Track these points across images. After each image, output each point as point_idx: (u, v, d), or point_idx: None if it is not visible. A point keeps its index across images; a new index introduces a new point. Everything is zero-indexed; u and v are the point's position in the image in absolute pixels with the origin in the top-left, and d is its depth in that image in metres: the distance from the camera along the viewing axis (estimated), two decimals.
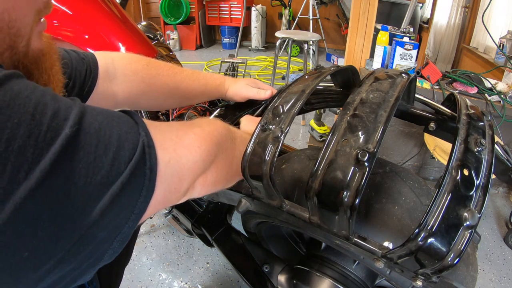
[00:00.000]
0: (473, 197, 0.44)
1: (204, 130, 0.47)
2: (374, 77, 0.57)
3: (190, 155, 0.42)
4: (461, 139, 0.50)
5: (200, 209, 1.05)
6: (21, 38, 0.35)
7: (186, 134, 0.43)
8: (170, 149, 0.39)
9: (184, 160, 0.41)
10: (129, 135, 0.33)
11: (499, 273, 1.49)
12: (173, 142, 0.40)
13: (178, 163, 0.39)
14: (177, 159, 0.39)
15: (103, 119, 0.32)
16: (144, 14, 5.27)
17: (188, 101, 0.85)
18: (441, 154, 1.48)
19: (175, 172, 0.39)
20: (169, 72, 0.75)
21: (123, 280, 1.37)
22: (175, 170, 0.39)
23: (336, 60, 4.36)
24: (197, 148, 0.43)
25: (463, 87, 1.70)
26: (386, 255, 0.49)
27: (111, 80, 0.69)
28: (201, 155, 0.44)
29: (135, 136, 0.34)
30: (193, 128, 0.46)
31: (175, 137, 0.41)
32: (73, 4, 1.07)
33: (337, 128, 0.47)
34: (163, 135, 0.39)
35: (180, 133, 0.42)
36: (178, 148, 0.40)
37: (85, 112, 0.30)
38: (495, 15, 2.75)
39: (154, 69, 0.73)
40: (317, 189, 0.44)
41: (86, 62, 0.64)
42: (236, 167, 0.53)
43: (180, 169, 0.40)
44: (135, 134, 0.34)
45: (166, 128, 0.41)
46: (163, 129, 0.40)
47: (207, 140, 0.46)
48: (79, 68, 0.62)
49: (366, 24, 1.90)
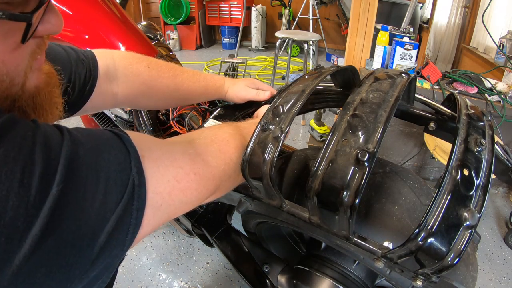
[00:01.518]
0: (473, 197, 0.44)
1: (208, 167, 0.45)
2: (374, 77, 0.57)
3: (185, 198, 0.40)
4: (461, 139, 0.50)
5: (200, 209, 1.05)
6: (15, 86, 0.34)
7: (186, 175, 0.41)
8: (164, 193, 0.37)
9: (178, 203, 0.39)
10: (118, 177, 0.32)
11: (499, 273, 1.49)
12: (170, 184, 0.38)
13: (170, 207, 0.38)
14: (169, 203, 0.38)
15: (90, 160, 0.31)
16: (144, 14, 5.27)
17: (188, 102, 0.85)
18: (441, 154, 1.48)
19: (165, 214, 0.38)
20: (170, 74, 0.75)
21: (123, 280, 1.38)
22: (166, 212, 0.38)
23: (336, 60, 4.36)
24: (193, 191, 0.41)
25: (463, 87, 1.70)
26: (386, 255, 0.49)
27: (112, 81, 0.68)
28: (197, 197, 0.42)
29: (125, 176, 0.33)
30: (195, 165, 0.43)
31: (173, 178, 0.38)
32: (73, 4, 1.07)
33: (337, 128, 0.47)
34: (159, 174, 0.37)
35: (179, 173, 0.40)
36: (174, 192, 0.38)
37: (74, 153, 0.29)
38: (495, 15, 2.75)
39: (155, 71, 0.72)
40: (317, 189, 0.44)
41: (86, 64, 0.63)
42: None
43: (171, 211, 0.39)
44: (125, 172, 0.33)
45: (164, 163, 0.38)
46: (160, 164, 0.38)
47: (209, 179, 0.44)
48: (79, 71, 0.61)
49: (366, 24, 1.90)
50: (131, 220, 0.33)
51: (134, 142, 0.36)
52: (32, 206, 0.25)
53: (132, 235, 0.33)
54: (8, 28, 0.29)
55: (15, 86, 0.33)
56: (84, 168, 0.30)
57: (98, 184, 0.30)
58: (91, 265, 0.30)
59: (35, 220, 0.25)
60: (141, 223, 0.34)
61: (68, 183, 0.28)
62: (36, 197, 0.26)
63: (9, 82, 0.32)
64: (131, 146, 0.35)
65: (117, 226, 0.31)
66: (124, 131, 0.37)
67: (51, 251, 0.27)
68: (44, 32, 0.34)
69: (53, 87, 0.41)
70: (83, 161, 0.30)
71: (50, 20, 0.33)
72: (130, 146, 0.35)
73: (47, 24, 0.33)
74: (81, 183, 0.29)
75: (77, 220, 0.28)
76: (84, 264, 0.29)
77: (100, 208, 0.30)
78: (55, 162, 0.28)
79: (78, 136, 0.32)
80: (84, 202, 0.29)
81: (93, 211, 0.29)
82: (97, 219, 0.30)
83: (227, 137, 0.53)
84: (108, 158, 0.32)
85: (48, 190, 0.27)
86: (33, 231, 0.25)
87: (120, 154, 0.34)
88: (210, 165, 0.46)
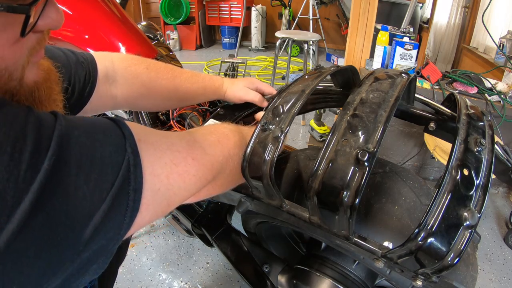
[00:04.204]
0: (473, 197, 0.44)
1: (205, 154, 0.45)
2: (374, 77, 0.57)
3: (183, 184, 0.40)
4: (461, 139, 0.50)
5: (200, 209, 1.05)
6: (13, 81, 0.33)
7: (183, 159, 0.40)
8: (162, 175, 0.37)
9: (176, 188, 0.39)
10: (113, 157, 0.32)
11: (499, 273, 1.49)
12: (167, 167, 0.37)
13: (168, 191, 0.38)
14: (168, 187, 0.37)
15: (85, 140, 0.31)
16: (144, 14, 5.27)
17: (187, 103, 0.85)
18: (441, 154, 1.48)
19: (165, 200, 0.37)
20: (169, 75, 0.75)
21: (123, 280, 1.38)
22: (165, 197, 0.37)
23: (336, 60, 4.36)
24: (192, 176, 0.41)
25: (463, 87, 1.70)
26: (386, 255, 0.49)
27: (111, 83, 0.68)
28: (195, 183, 0.42)
29: (120, 156, 0.32)
30: (193, 151, 0.43)
31: (170, 162, 0.38)
32: (73, 4, 1.07)
33: (337, 128, 0.47)
34: (156, 156, 0.37)
35: (176, 156, 0.39)
36: (172, 175, 0.38)
37: (67, 135, 0.29)
38: (495, 15, 2.75)
39: (154, 73, 0.73)
40: (317, 189, 0.44)
41: (85, 66, 0.63)
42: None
43: (170, 196, 0.38)
44: (120, 153, 0.33)
45: (161, 146, 0.38)
46: (157, 147, 0.38)
47: (207, 166, 0.44)
48: (78, 73, 0.61)
49: (366, 24, 1.90)
50: (128, 202, 0.32)
51: (130, 127, 0.36)
52: (22, 181, 0.25)
53: (130, 218, 0.33)
54: (7, 21, 0.29)
55: (13, 81, 0.33)
56: (78, 147, 0.30)
57: (93, 164, 0.30)
58: (85, 246, 0.29)
59: (24, 195, 0.25)
60: (139, 206, 0.34)
61: (60, 160, 0.28)
62: (26, 172, 0.25)
63: (8, 76, 0.32)
64: (126, 129, 0.35)
65: (113, 206, 0.31)
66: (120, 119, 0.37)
67: (41, 229, 0.26)
68: (44, 27, 0.33)
69: (52, 84, 0.41)
70: (77, 141, 0.30)
71: (50, 15, 0.33)
72: (126, 129, 0.35)
73: (47, 19, 0.33)
74: (74, 161, 0.29)
75: (70, 198, 0.28)
76: (77, 244, 0.29)
77: (95, 186, 0.30)
78: (48, 139, 0.28)
79: (72, 119, 0.32)
80: (77, 179, 0.28)
81: (88, 190, 0.29)
82: (91, 198, 0.29)
83: (227, 132, 0.53)
84: (102, 139, 0.32)
85: (39, 166, 0.26)
86: (22, 206, 0.25)
87: (115, 136, 0.34)
88: (207, 152, 0.45)
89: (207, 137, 0.48)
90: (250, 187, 0.57)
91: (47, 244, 0.27)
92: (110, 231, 0.31)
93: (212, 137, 0.49)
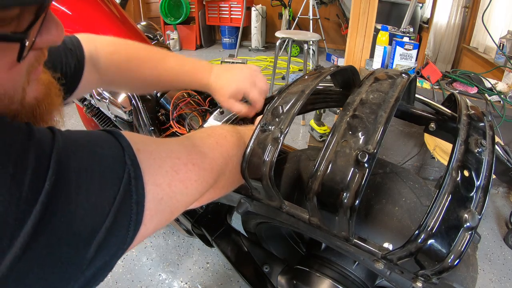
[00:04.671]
0: (473, 198, 0.43)
1: (205, 158, 0.44)
2: (374, 78, 0.57)
3: (185, 190, 0.39)
4: (461, 139, 0.49)
5: (200, 209, 1.05)
6: (14, 104, 0.32)
7: (184, 165, 0.40)
8: (164, 184, 0.36)
9: (179, 196, 0.38)
10: (112, 170, 0.31)
11: (499, 273, 1.48)
12: (168, 176, 0.37)
13: (171, 199, 0.37)
14: (170, 195, 0.37)
15: (83, 155, 0.30)
16: (144, 14, 5.27)
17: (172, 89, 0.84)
18: (441, 154, 1.48)
19: (168, 208, 0.37)
20: (151, 64, 0.72)
21: (123, 280, 1.38)
22: (168, 206, 0.37)
23: (336, 60, 4.36)
24: (193, 182, 0.41)
25: (463, 87, 1.70)
26: (386, 257, 0.48)
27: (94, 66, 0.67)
28: (197, 188, 0.41)
29: (120, 169, 0.32)
30: (193, 156, 0.42)
31: (171, 169, 0.38)
32: (73, 4, 1.06)
33: (337, 128, 0.47)
34: (156, 166, 0.36)
35: (176, 163, 0.39)
36: (173, 183, 0.37)
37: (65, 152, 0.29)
38: (495, 15, 2.75)
39: (135, 64, 0.70)
40: (316, 190, 0.44)
41: (73, 53, 0.62)
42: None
43: (173, 204, 0.38)
44: (120, 165, 0.32)
45: (160, 154, 0.38)
46: (157, 156, 0.37)
47: (207, 170, 0.44)
48: (69, 62, 0.61)
49: (366, 24, 1.90)
50: (131, 216, 0.32)
51: (127, 137, 0.35)
52: (25, 202, 0.25)
53: (133, 232, 0.32)
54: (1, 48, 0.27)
55: (14, 104, 0.32)
56: (77, 163, 0.29)
57: (92, 179, 0.29)
58: (89, 264, 0.29)
59: (27, 217, 0.25)
60: (143, 218, 0.33)
61: (60, 178, 0.27)
62: (28, 192, 0.25)
63: (8, 100, 0.31)
64: (124, 140, 0.34)
65: (116, 222, 0.30)
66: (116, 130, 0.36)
67: (44, 250, 0.26)
68: (43, 45, 0.32)
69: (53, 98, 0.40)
70: (75, 157, 0.29)
71: (49, 31, 0.31)
72: (123, 140, 0.34)
73: (46, 35, 0.31)
74: (73, 178, 0.28)
75: (72, 217, 0.27)
76: (81, 263, 0.28)
77: (97, 202, 0.29)
78: (47, 158, 0.27)
79: (69, 134, 0.31)
80: (78, 196, 0.28)
81: (89, 207, 0.28)
82: (93, 215, 0.29)
83: (225, 133, 0.52)
84: (101, 152, 0.31)
85: (41, 185, 0.26)
86: (25, 228, 0.24)
87: (114, 148, 0.33)
88: (207, 156, 0.45)
89: (205, 140, 0.48)
90: (250, 188, 0.57)
91: (51, 264, 0.26)
92: (113, 246, 0.31)
93: (210, 139, 0.49)
